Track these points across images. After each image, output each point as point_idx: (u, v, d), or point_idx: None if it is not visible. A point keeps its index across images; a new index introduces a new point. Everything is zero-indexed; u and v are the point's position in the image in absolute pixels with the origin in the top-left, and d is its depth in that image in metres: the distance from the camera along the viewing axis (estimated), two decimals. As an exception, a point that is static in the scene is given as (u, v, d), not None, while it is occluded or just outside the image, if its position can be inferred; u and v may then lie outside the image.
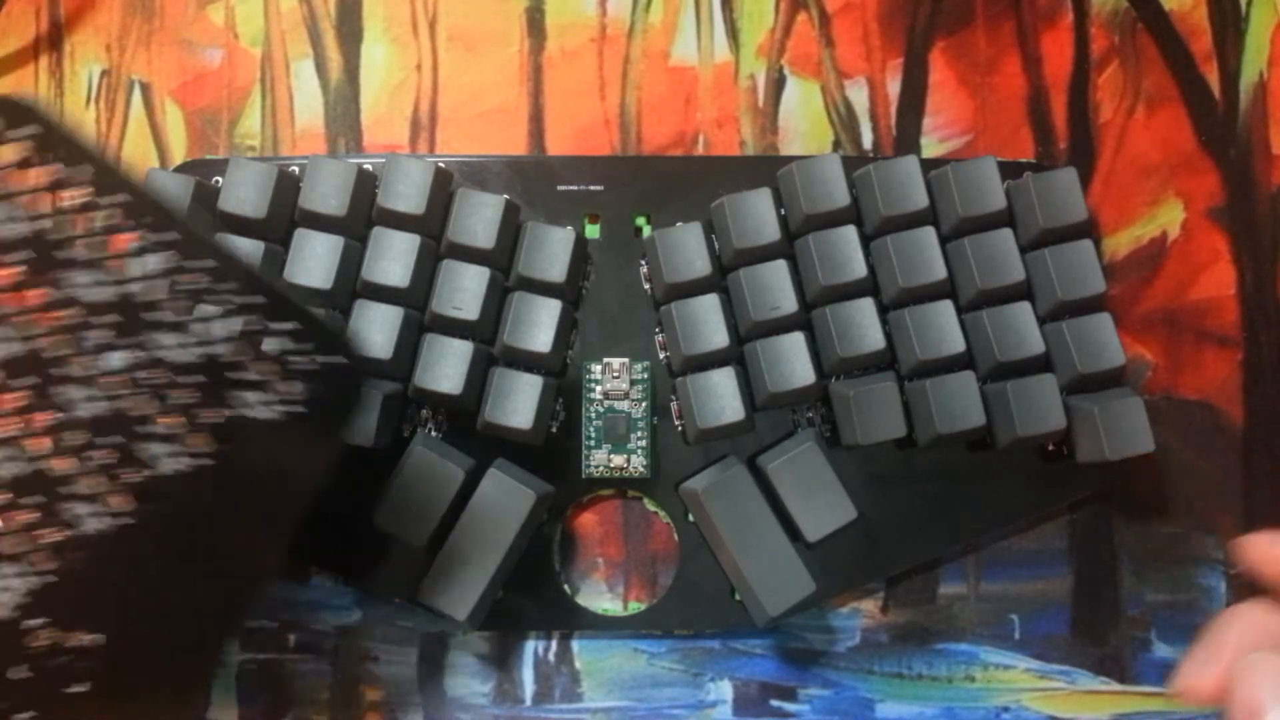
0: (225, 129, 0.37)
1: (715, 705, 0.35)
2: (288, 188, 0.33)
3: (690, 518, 0.34)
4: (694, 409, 0.33)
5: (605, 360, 0.34)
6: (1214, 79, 0.37)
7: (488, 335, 0.33)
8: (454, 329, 0.33)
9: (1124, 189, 0.36)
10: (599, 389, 0.34)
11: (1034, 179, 0.33)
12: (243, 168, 0.33)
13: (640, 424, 0.34)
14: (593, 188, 0.35)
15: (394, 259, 0.32)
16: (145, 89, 0.37)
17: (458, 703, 0.34)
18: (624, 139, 0.37)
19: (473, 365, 0.32)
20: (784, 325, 0.33)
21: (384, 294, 0.32)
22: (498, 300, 0.33)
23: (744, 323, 0.33)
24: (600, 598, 0.35)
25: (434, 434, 0.34)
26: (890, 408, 0.32)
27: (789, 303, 0.33)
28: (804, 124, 0.37)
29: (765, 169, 0.34)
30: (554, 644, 0.35)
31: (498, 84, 0.37)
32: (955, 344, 0.32)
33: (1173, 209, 0.36)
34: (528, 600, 0.34)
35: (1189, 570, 0.35)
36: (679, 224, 0.33)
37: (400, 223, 0.33)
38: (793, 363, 0.33)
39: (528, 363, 0.33)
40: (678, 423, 0.34)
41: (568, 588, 0.35)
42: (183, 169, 0.35)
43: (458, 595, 0.32)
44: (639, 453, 0.34)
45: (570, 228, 0.33)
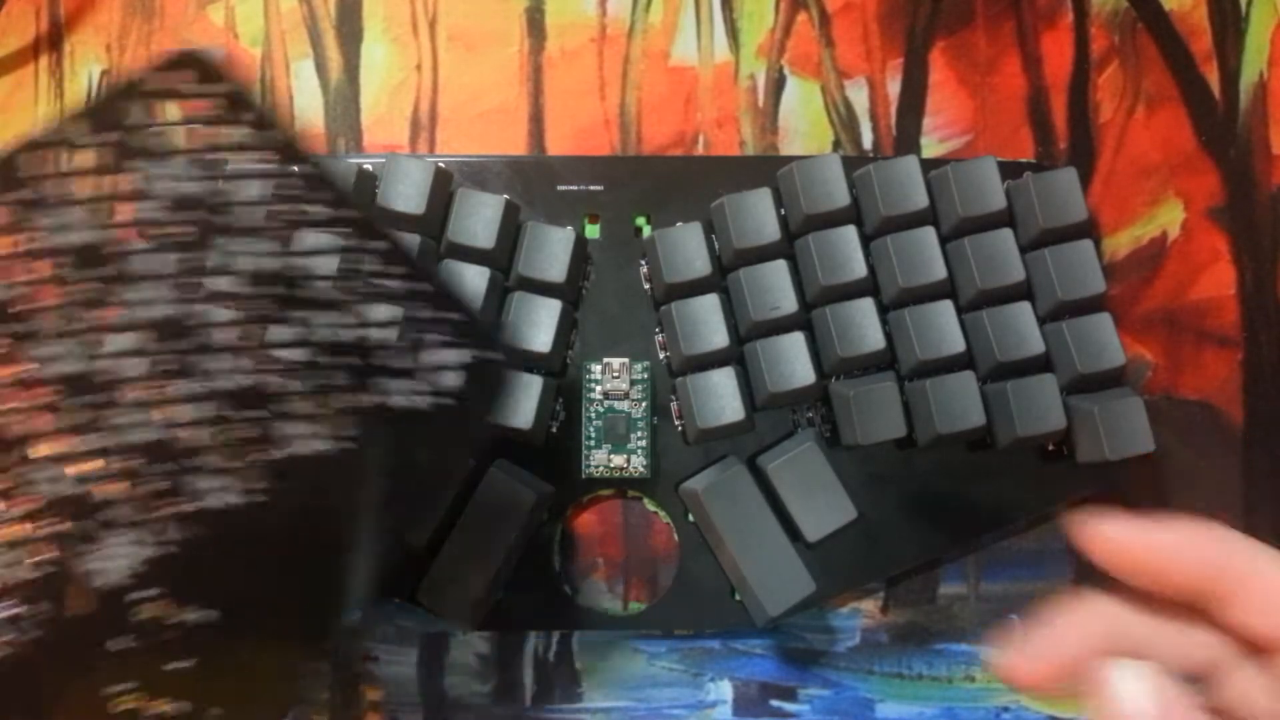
0: (225, 129, 0.37)
1: (715, 705, 0.35)
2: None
3: (690, 518, 0.34)
4: (694, 409, 0.33)
5: (605, 360, 0.34)
6: (1214, 79, 0.37)
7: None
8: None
9: (1124, 189, 0.36)
10: (599, 389, 0.34)
11: (1034, 179, 0.33)
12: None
13: (640, 424, 0.34)
14: (593, 188, 0.35)
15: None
16: (145, 89, 0.37)
17: (458, 703, 0.34)
18: (624, 139, 0.37)
19: None
20: (784, 325, 0.33)
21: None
22: (497, 300, 0.33)
23: (744, 323, 0.33)
24: (600, 598, 0.35)
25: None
26: (890, 408, 0.32)
27: (789, 303, 0.33)
28: (804, 124, 0.37)
29: (765, 169, 0.34)
30: (554, 644, 0.35)
31: (498, 84, 0.37)
32: (955, 344, 0.32)
33: (1173, 209, 0.36)
34: (528, 600, 0.34)
35: (1189, 570, 0.35)
36: (679, 224, 0.33)
37: (399, 223, 0.33)
38: (793, 363, 0.33)
39: (527, 363, 0.33)
40: (678, 423, 0.34)
41: (568, 588, 0.35)
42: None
43: (457, 596, 0.32)
44: (639, 453, 0.34)
45: (570, 228, 0.33)
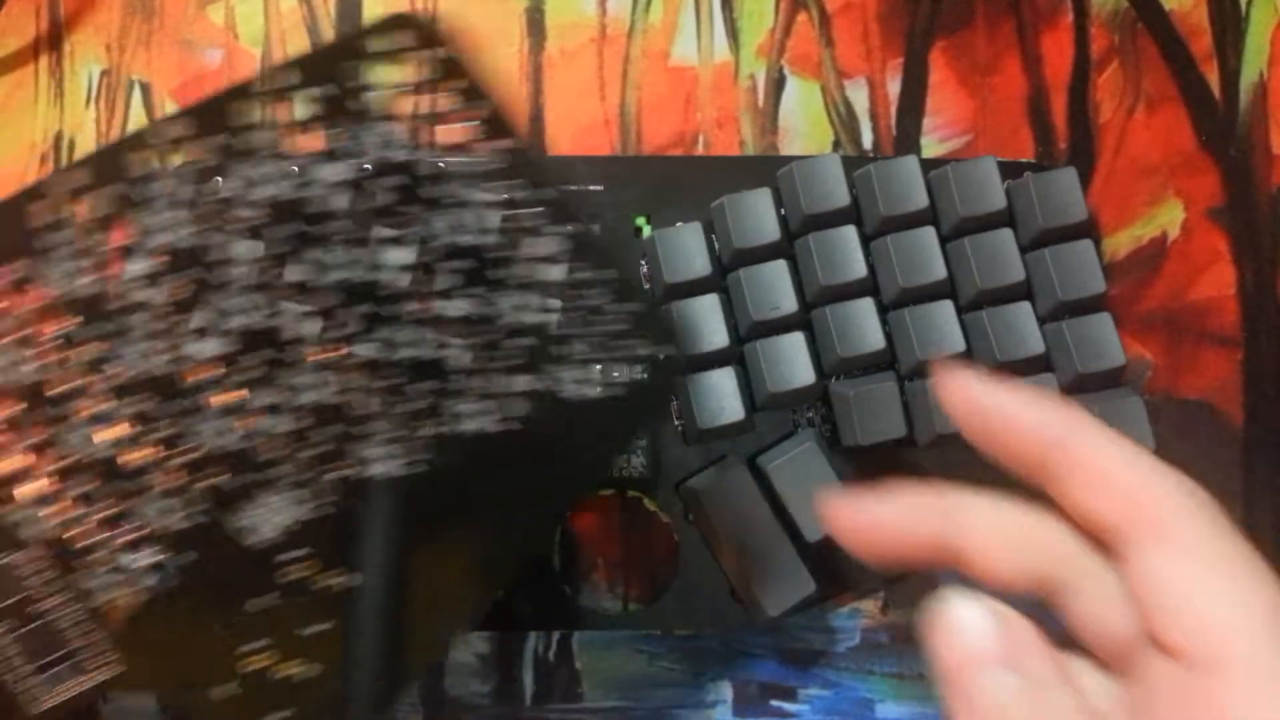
0: (225, 129, 0.37)
1: (715, 705, 0.35)
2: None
3: (690, 518, 0.34)
4: (694, 409, 0.33)
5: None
6: (1214, 79, 0.37)
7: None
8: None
9: (1124, 189, 0.36)
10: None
11: (1034, 179, 0.33)
12: None
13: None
14: (593, 188, 0.35)
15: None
16: (145, 89, 0.37)
17: (458, 703, 0.34)
18: (624, 139, 0.37)
19: None
20: (784, 325, 0.33)
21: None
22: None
23: (744, 323, 0.33)
24: (600, 598, 0.35)
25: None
26: (890, 408, 0.32)
27: (789, 303, 0.33)
28: (804, 124, 0.37)
29: (765, 169, 0.34)
30: (554, 644, 0.35)
31: (498, 84, 0.37)
32: (955, 344, 0.32)
33: (1173, 209, 0.36)
34: (528, 600, 0.34)
35: (1189, 570, 0.35)
36: (679, 224, 0.33)
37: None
38: (793, 363, 0.33)
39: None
40: (677, 423, 0.34)
41: (568, 588, 0.35)
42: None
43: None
44: (639, 453, 0.34)
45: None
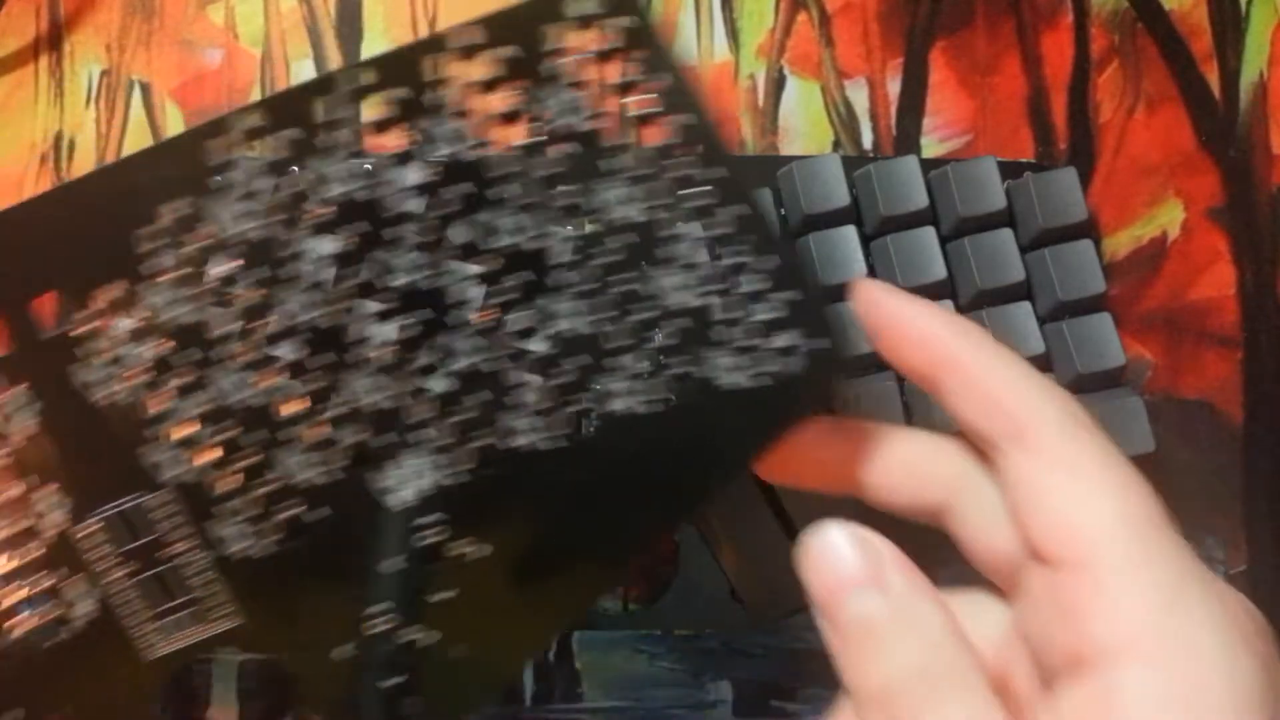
0: (225, 129, 0.37)
1: (715, 705, 0.34)
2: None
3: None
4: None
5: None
6: (1214, 79, 0.37)
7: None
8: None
9: (1124, 189, 0.36)
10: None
11: (1034, 179, 0.33)
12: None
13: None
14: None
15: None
16: (145, 89, 0.37)
17: (458, 703, 0.34)
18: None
19: None
20: (784, 325, 0.33)
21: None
22: None
23: (744, 323, 0.33)
24: (600, 598, 0.35)
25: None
26: (890, 407, 0.32)
27: (789, 303, 0.33)
28: (804, 124, 0.37)
29: (765, 169, 0.34)
30: (554, 644, 0.35)
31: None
32: (955, 344, 0.32)
33: (1173, 209, 0.36)
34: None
35: (1189, 570, 0.35)
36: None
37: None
38: (793, 363, 0.33)
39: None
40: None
41: (568, 588, 0.35)
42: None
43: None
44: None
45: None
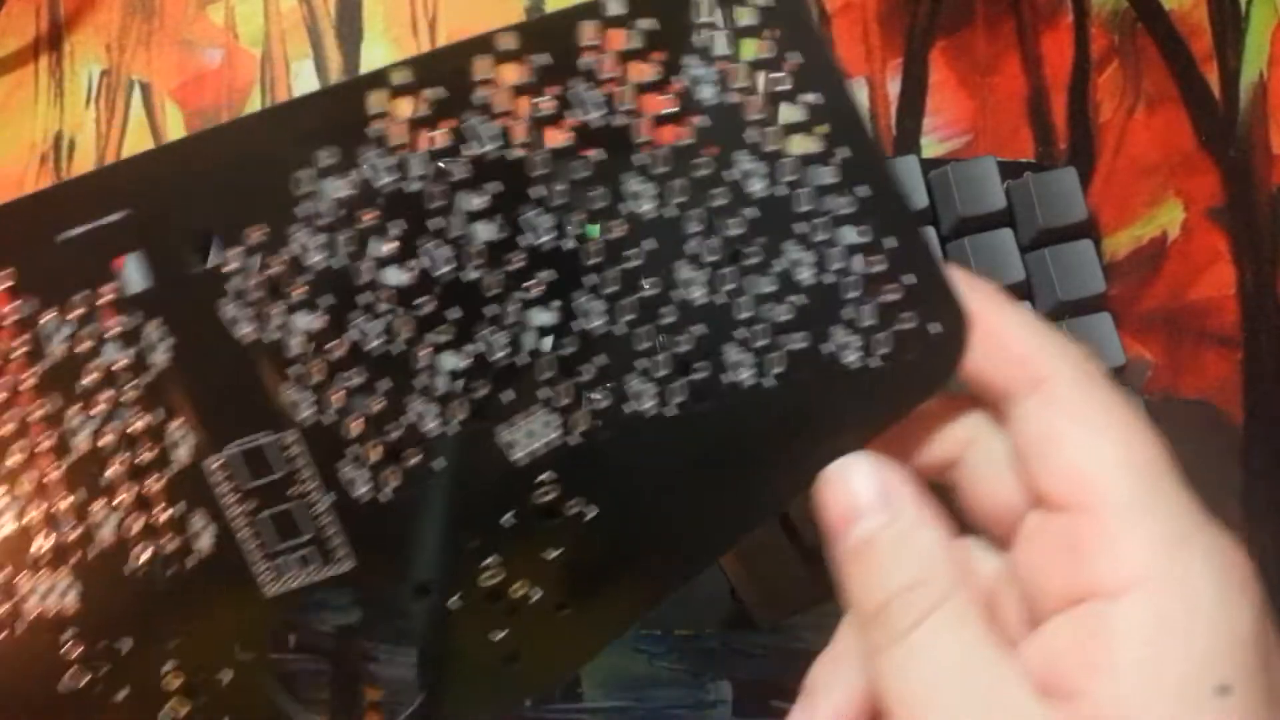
0: (225, 129, 0.37)
1: (715, 705, 0.35)
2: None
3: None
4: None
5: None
6: (1214, 79, 0.37)
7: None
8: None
9: (1124, 189, 0.36)
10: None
11: (1034, 179, 0.33)
12: None
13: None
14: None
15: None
16: (145, 89, 0.37)
17: (458, 703, 0.34)
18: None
19: None
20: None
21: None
22: None
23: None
24: (600, 598, 0.35)
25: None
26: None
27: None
28: (804, 124, 0.37)
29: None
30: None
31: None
32: (955, 344, 0.32)
33: (1173, 209, 0.36)
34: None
35: (1189, 570, 0.35)
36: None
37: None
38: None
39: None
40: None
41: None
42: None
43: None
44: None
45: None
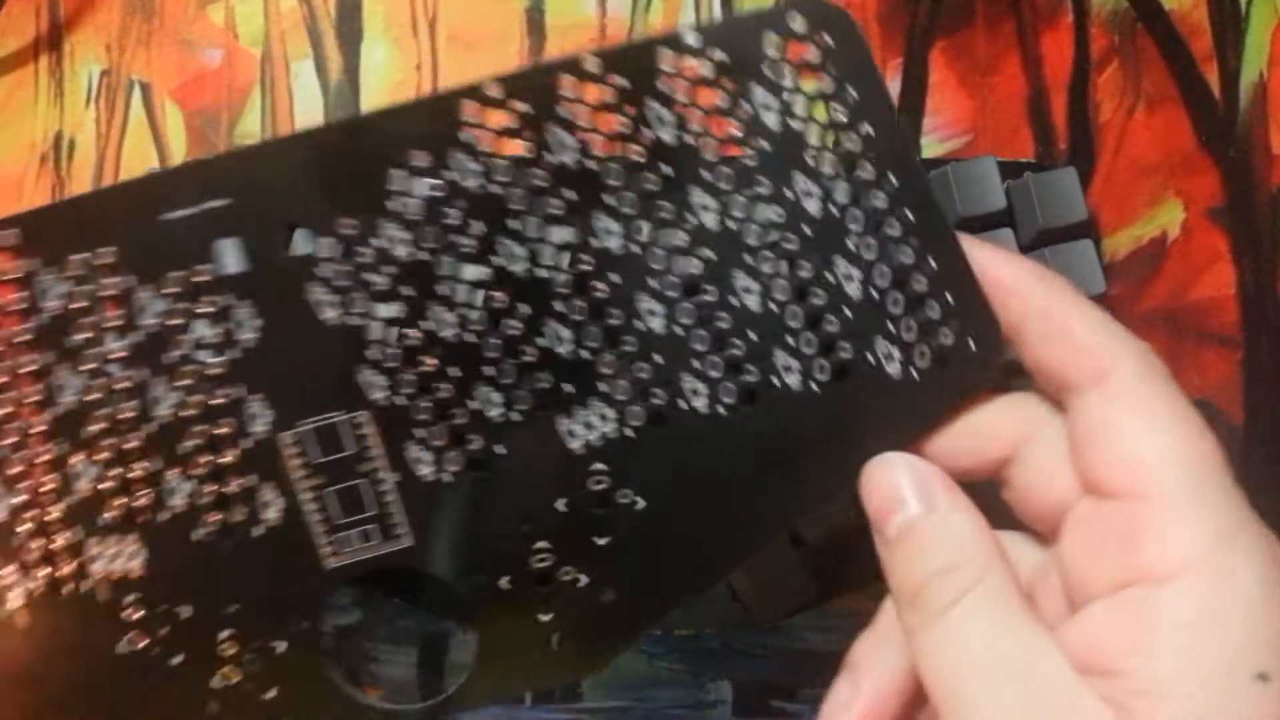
0: (225, 129, 0.37)
1: (715, 705, 0.35)
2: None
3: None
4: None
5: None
6: (1214, 79, 0.37)
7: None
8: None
9: (1124, 189, 0.36)
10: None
11: (1034, 179, 0.33)
12: None
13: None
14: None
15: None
16: (145, 89, 0.37)
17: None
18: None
19: None
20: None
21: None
22: None
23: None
24: (600, 598, 0.35)
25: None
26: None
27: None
28: (804, 124, 0.37)
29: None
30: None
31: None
32: (955, 344, 0.32)
33: (1173, 209, 0.36)
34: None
35: (1189, 570, 0.35)
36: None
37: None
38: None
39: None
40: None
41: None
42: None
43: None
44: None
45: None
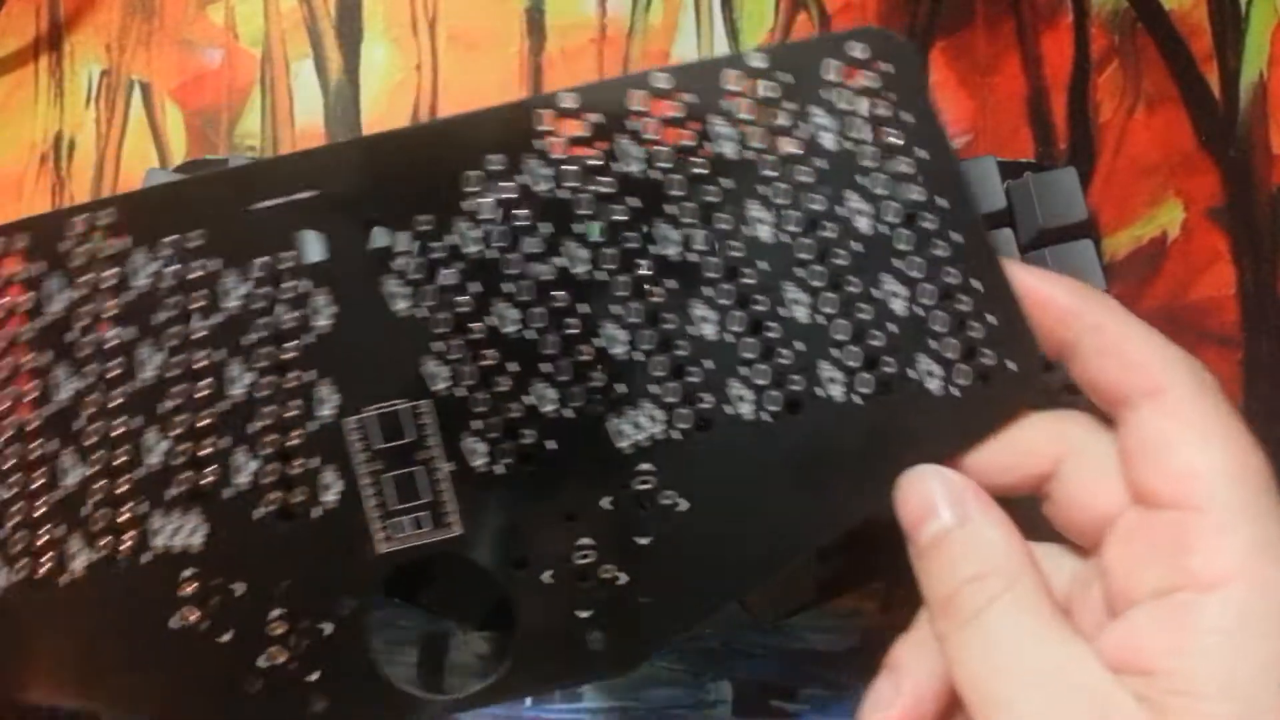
0: (225, 129, 0.37)
1: (715, 705, 0.35)
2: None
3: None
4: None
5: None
6: (1214, 79, 0.37)
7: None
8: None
9: (1124, 189, 0.36)
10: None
11: (1034, 179, 0.33)
12: None
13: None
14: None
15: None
16: (145, 89, 0.37)
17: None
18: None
19: None
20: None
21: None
22: None
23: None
24: (600, 598, 0.35)
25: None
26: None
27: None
28: (804, 124, 0.37)
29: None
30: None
31: (498, 84, 0.37)
32: (955, 344, 0.32)
33: (1173, 209, 0.36)
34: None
35: (1189, 570, 0.35)
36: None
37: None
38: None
39: None
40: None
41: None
42: (183, 169, 0.35)
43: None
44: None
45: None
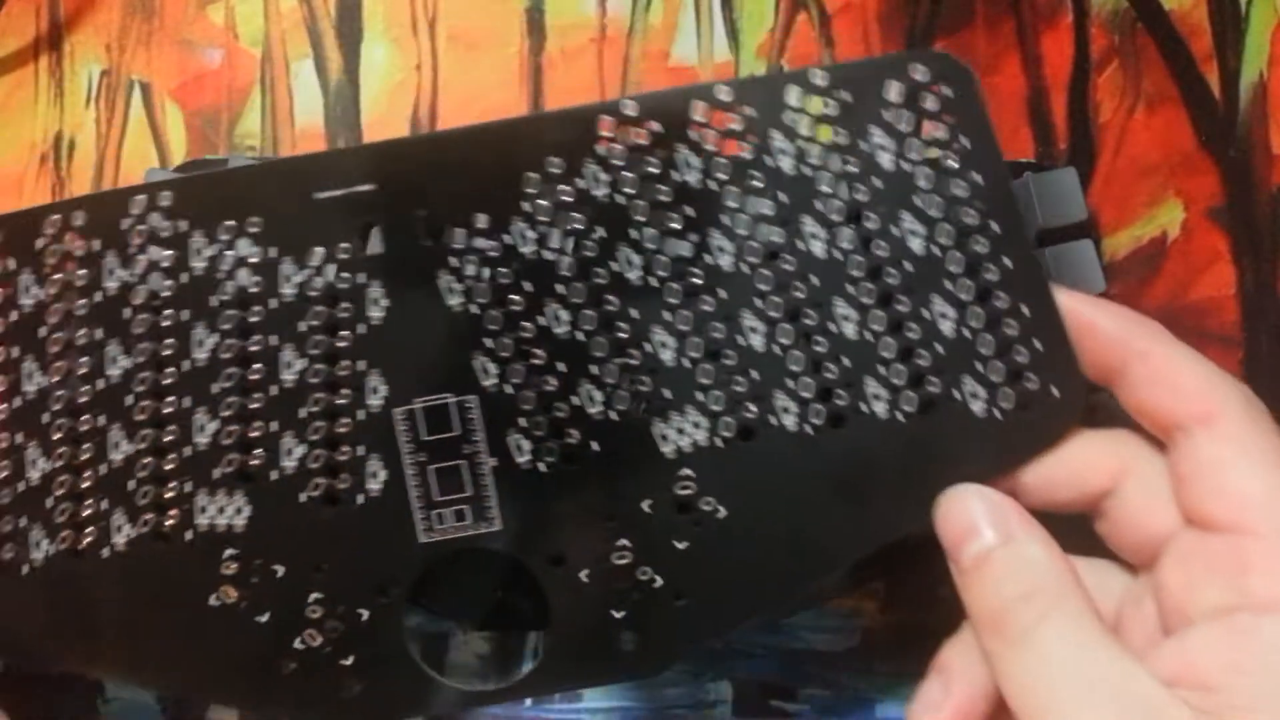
0: (225, 129, 0.37)
1: (715, 705, 0.35)
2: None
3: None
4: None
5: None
6: (1214, 79, 0.37)
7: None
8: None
9: (1124, 189, 0.36)
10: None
11: (1034, 179, 0.33)
12: None
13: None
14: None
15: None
16: (145, 89, 0.37)
17: (458, 703, 0.34)
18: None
19: None
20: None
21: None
22: None
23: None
24: (600, 598, 0.35)
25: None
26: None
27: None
28: (804, 124, 0.37)
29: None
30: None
31: (498, 84, 0.37)
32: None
33: (1173, 209, 0.36)
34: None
35: (1189, 570, 0.35)
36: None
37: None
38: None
39: None
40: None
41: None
42: (183, 169, 0.35)
43: None
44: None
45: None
